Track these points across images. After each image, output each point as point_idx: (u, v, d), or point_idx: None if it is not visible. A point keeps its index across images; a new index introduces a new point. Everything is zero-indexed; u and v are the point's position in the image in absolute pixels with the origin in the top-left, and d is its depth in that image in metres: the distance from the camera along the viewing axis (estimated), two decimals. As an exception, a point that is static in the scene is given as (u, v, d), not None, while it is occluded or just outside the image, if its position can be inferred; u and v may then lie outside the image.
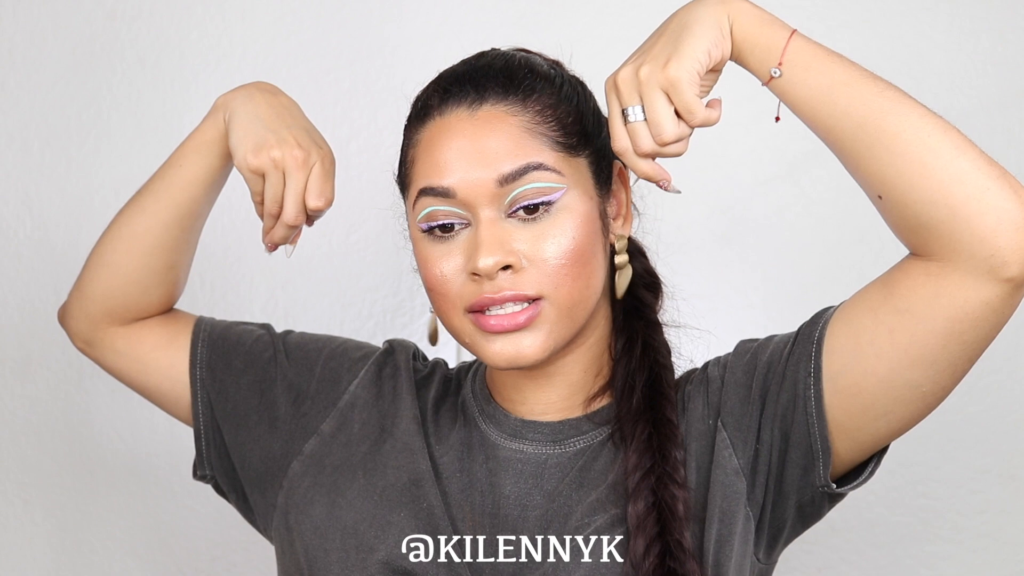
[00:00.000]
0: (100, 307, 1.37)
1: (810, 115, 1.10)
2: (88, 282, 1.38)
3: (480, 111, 1.16)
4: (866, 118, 1.07)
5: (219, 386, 1.35)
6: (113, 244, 1.36)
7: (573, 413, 1.24)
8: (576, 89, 1.23)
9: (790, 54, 1.09)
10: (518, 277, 1.14)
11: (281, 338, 1.37)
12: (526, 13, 1.96)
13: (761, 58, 1.10)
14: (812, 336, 1.14)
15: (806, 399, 1.13)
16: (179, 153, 1.33)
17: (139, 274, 1.36)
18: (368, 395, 1.30)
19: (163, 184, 1.34)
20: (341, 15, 1.99)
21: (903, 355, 1.09)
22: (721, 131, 1.95)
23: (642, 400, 1.20)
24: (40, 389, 1.98)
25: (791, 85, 1.09)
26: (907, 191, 1.05)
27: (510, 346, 1.15)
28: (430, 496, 1.21)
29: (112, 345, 1.39)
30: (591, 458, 1.21)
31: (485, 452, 1.23)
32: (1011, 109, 1.88)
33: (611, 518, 1.16)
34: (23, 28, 2.03)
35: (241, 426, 1.33)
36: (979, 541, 1.85)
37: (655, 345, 1.24)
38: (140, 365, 1.39)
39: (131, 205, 1.37)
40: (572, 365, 1.23)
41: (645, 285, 1.27)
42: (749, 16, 1.10)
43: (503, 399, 1.26)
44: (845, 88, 1.07)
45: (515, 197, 1.14)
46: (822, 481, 1.16)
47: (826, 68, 1.08)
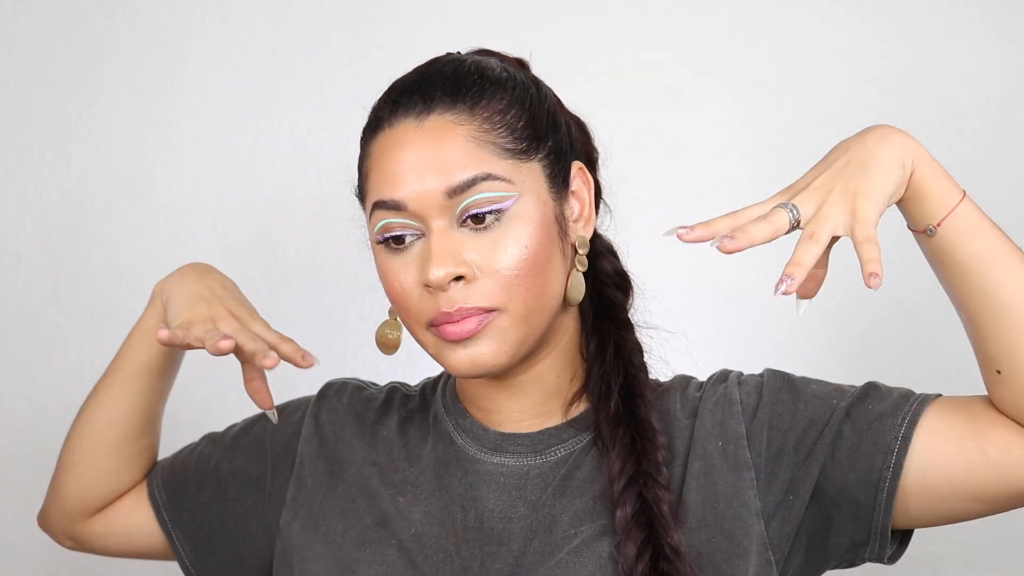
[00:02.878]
0: (78, 505, 1.40)
1: (956, 281, 1.10)
2: (62, 483, 1.40)
3: (427, 121, 1.15)
4: (1014, 301, 1.07)
5: (187, 516, 1.38)
6: (79, 443, 1.38)
7: (552, 420, 1.23)
8: (529, 91, 1.19)
9: (955, 217, 1.09)
10: (471, 289, 1.12)
11: (223, 437, 1.40)
12: (525, 13, 1.96)
13: (927, 211, 1.11)
14: (893, 430, 1.13)
15: (879, 489, 1.13)
16: (127, 344, 1.37)
17: (109, 465, 1.38)
18: (310, 448, 1.31)
19: (117, 377, 1.37)
20: (341, 15, 1.99)
21: (971, 490, 1.11)
22: (721, 131, 1.97)
23: (620, 403, 1.18)
24: (40, 389, 1.99)
25: (949, 246, 1.10)
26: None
27: (467, 355, 1.14)
28: (399, 532, 1.20)
29: (93, 531, 1.41)
30: (573, 466, 1.20)
31: (463, 467, 1.22)
32: (1011, 109, 1.88)
33: (599, 527, 1.15)
34: (23, 28, 2.03)
35: (226, 538, 1.36)
36: (979, 541, 1.85)
37: (628, 346, 1.22)
38: (123, 537, 1.41)
39: (90, 401, 1.39)
40: (544, 372, 1.21)
41: (615, 285, 1.26)
42: (928, 166, 1.11)
43: (478, 410, 1.24)
44: (1002, 266, 1.08)
45: (465, 207, 1.12)
46: (873, 557, 1.17)
47: (987, 241, 1.09)
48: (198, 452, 1.40)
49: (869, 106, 1.89)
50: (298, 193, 1.99)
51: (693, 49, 1.95)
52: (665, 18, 1.95)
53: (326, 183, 1.97)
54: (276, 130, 2.00)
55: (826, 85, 1.91)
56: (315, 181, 1.98)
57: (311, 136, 1.99)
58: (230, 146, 2.00)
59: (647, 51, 1.95)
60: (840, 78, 1.91)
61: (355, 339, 1.97)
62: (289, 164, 1.99)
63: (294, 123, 2.00)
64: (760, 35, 1.93)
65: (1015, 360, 1.08)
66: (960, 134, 1.87)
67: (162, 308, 1.33)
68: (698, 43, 1.95)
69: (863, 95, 1.89)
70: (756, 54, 1.93)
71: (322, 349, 1.99)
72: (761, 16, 1.93)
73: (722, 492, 1.16)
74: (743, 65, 1.93)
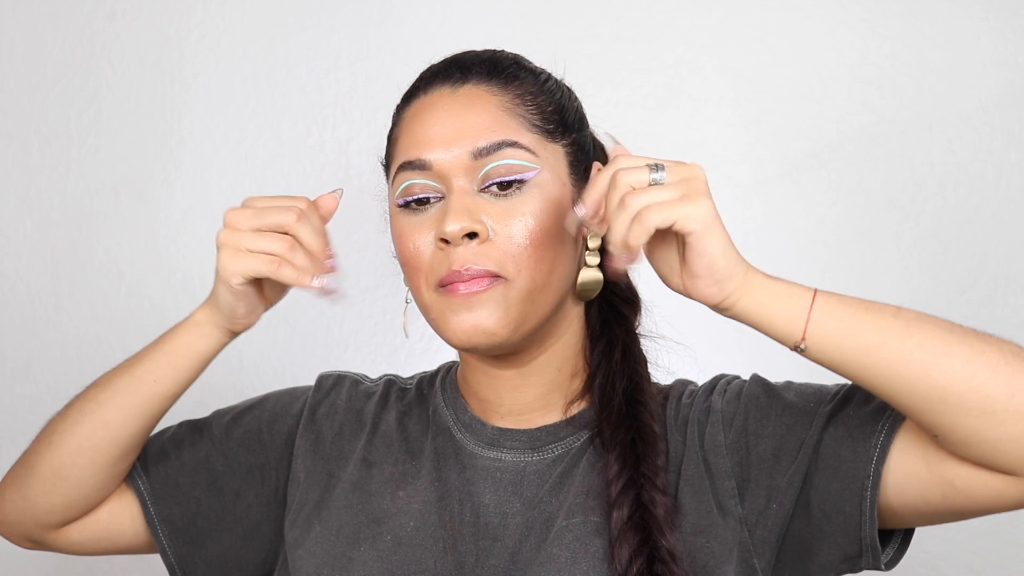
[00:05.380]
0: (57, 518, 1.27)
1: (847, 375, 1.08)
2: (41, 496, 1.26)
3: (462, 89, 1.19)
4: (910, 377, 1.04)
5: (177, 510, 1.30)
6: (73, 459, 1.24)
7: (551, 417, 1.23)
8: (561, 88, 1.24)
9: (813, 328, 1.05)
10: (483, 248, 1.14)
11: (209, 427, 1.32)
12: (526, 13, 1.96)
13: (784, 334, 1.07)
14: (872, 438, 1.12)
15: (862, 498, 1.12)
16: (152, 366, 1.22)
17: (104, 481, 1.26)
18: (306, 444, 1.28)
19: (136, 398, 1.23)
20: (341, 15, 2.00)
21: (948, 510, 1.11)
22: (721, 131, 1.97)
23: (623, 405, 1.19)
24: (40, 389, 1.99)
25: (818, 354, 1.07)
26: (968, 436, 1.04)
27: (469, 320, 1.14)
28: (396, 527, 1.20)
29: (68, 538, 1.30)
30: (570, 464, 1.20)
31: (461, 461, 1.22)
32: (1011, 109, 1.88)
33: (593, 525, 1.15)
34: (23, 28, 2.03)
35: (220, 533, 1.30)
36: (979, 541, 1.85)
37: (634, 353, 1.24)
38: (103, 542, 1.31)
39: (90, 419, 1.24)
40: (546, 364, 1.22)
41: (625, 299, 1.27)
42: (759, 297, 1.06)
43: (478, 402, 1.25)
44: (881, 351, 1.04)
45: (488, 172, 1.15)
46: (869, 567, 1.16)
47: (854, 332, 1.05)
48: (181, 441, 1.31)
49: (869, 106, 1.89)
50: (298, 193, 1.98)
51: (693, 49, 1.95)
52: (665, 18, 1.96)
53: (326, 183, 1.97)
54: (276, 130, 2.00)
55: (826, 85, 1.91)
56: (315, 181, 1.98)
57: (311, 136, 1.99)
58: (230, 146, 2.00)
59: (647, 51, 1.95)
60: (840, 78, 1.91)
61: (355, 339, 1.96)
62: (289, 164, 1.99)
63: (294, 123, 2.00)
64: (760, 35, 1.93)
65: (943, 427, 1.05)
66: (960, 134, 1.87)
67: (213, 309, 1.21)
68: (698, 43, 1.95)
69: (863, 95, 1.89)
70: (756, 54, 1.93)
71: (321, 348, 2.00)
72: (761, 16, 1.93)
73: (710, 499, 1.16)
74: (743, 65, 1.93)
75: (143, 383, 1.23)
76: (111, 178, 2.01)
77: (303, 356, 1.96)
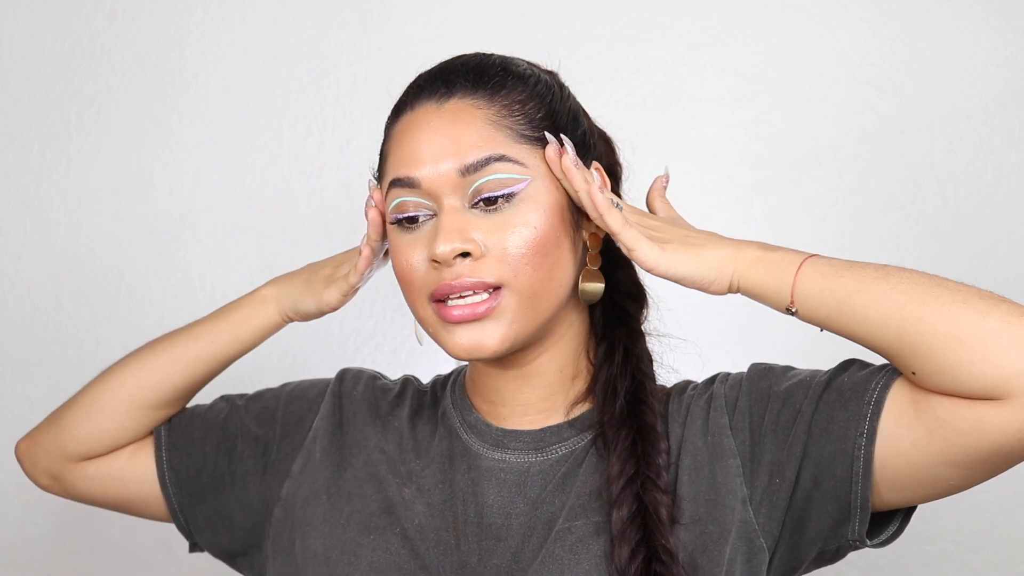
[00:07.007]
0: (83, 447, 1.36)
1: (835, 328, 1.12)
2: (72, 423, 1.36)
3: (447, 104, 1.18)
4: (885, 311, 1.08)
5: (186, 460, 1.36)
6: (113, 393, 1.35)
7: (554, 418, 1.24)
8: (551, 89, 1.22)
9: (799, 289, 1.12)
10: (477, 265, 1.14)
11: (236, 398, 1.39)
12: (526, 13, 1.96)
13: (775, 301, 1.14)
14: (866, 396, 1.13)
15: (854, 458, 1.12)
16: (212, 328, 1.36)
17: (135, 421, 1.36)
18: (327, 425, 1.31)
19: (189, 352, 1.35)
20: (341, 15, 2.00)
21: (939, 455, 1.09)
22: (721, 131, 1.97)
23: (625, 406, 1.20)
24: (40, 389, 1.99)
25: (808, 312, 1.12)
26: (945, 367, 1.06)
27: (470, 337, 1.15)
28: (403, 522, 1.21)
29: (83, 473, 1.38)
30: (574, 465, 1.21)
31: (467, 462, 1.23)
32: (1011, 109, 1.88)
33: (594, 525, 1.16)
34: (23, 28, 2.03)
35: (219, 492, 1.36)
36: (979, 541, 1.85)
37: (637, 353, 1.24)
38: (115, 482, 1.38)
39: (143, 361, 1.36)
40: (547, 364, 1.23)
41: (630, 295, 1.27)
42: (756, 273, 1.15)
43: (484, 403, 1.26)
44: (858, 296, 1.09)
45: (477, 188, 1.15)
46: (855, 536, 1.15)
47: (835, 285, 1.10)
48: (210, 405, 1.40)
49: (869, 106, 1.89)
50: (298, 193, 1.99)
51: (693, 49, 1.95)
52: (665, 18, 1.96)
53: (326, 183, 1.97)
54: (276, 130, 2.00)
55: (826, 85, 1.91)
56: (315, 181, 1.98)
57: (311, 136, 1.99)
58: (230, 146, 2.00)
59: (647, 51, 1.95)
60: (840, 78, 1.91)
61: (355, 339, 1.97)
62: (289, 164, 1.99)
63: (294, 123, 2.00)
64: (760, 35, 1.93)
65: (919, 360, 1.07)
66: (960, 134, 1.88)
67: (280, 289, 1.36)
68: (698, 43, 1.95)
69: (863, 95, 1.90)
70: (756, 54, 1.93)
71: (322, 348, 2.00)
72: (761, 16, 1.94)
73: (711, 484, 1.16)
74: (743, 65, 1.93)
75: (199, 340, 1.35)
76: (111, 178, 2.01)
77: (303, 356, 1.96)
